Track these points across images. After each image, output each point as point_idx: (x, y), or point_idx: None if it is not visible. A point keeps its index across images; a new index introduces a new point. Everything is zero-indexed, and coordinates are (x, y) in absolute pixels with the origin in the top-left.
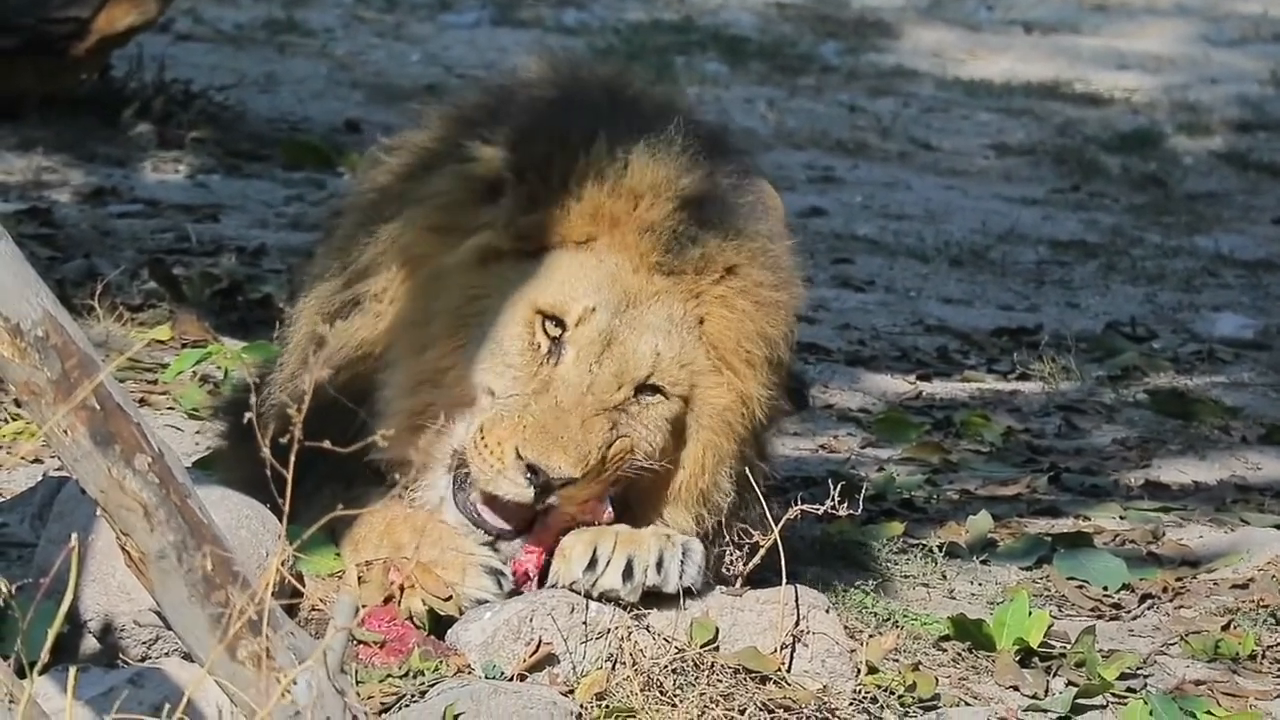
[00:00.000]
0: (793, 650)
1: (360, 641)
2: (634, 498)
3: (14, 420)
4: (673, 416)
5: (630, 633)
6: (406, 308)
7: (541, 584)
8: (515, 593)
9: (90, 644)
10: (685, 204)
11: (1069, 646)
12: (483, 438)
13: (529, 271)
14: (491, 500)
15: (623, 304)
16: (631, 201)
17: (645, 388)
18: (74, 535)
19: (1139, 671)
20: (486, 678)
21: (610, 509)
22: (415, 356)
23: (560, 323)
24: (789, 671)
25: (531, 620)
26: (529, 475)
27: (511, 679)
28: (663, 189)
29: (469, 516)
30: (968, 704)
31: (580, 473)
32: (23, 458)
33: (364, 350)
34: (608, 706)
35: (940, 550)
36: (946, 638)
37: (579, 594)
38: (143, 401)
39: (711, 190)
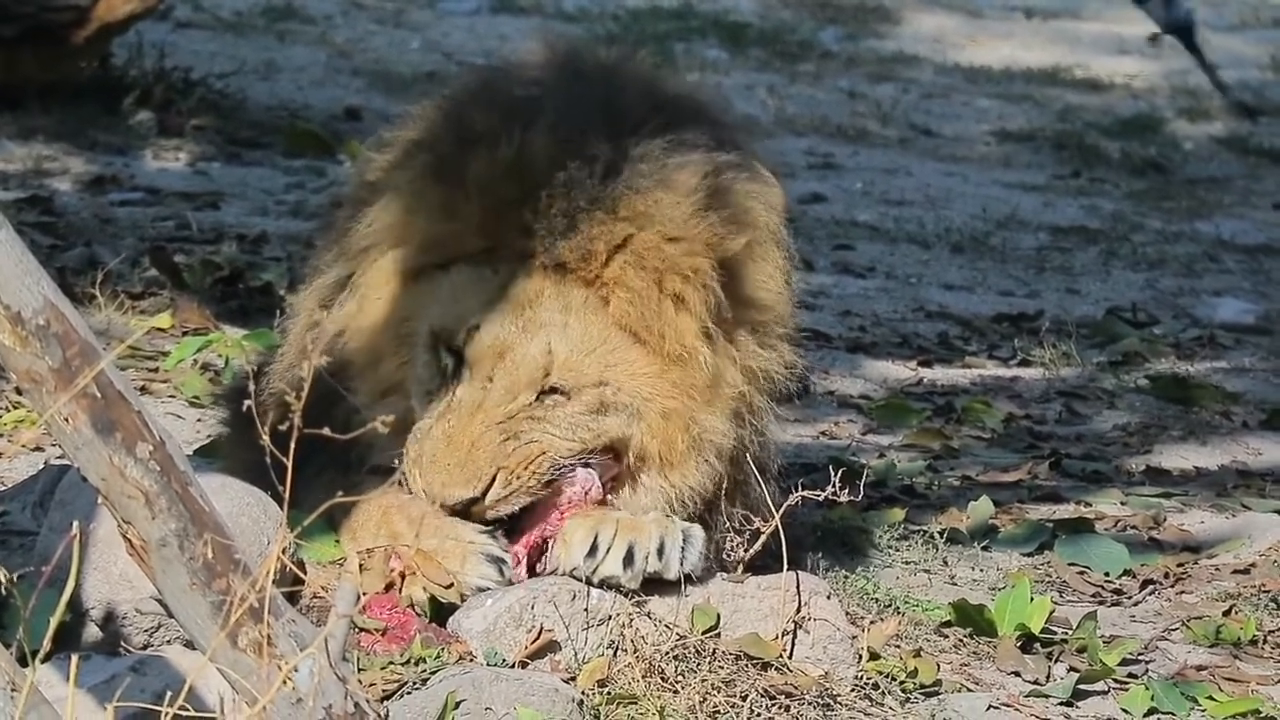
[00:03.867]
0: (794, 636)
1: (362, 629)
2: (635, 478)
3: (15, 408)
4: (594, 404)
5: (631, 619)
6: (366, 319)
7: (531, 573)
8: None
9: (92, 632)
10: (553, 196)
11: (1070, 632)
12: (409, 459)
13: (435, 290)
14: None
15: (516, 311)
16: (514, 206)
17: (549, 390)
18: (75, 523)
19: (1140, 657)
20: (488, 665)
21: (599, 486)
22: (373, 370)
23: (452, 346)
24: (790, 658)
25: (533, 607)
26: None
27: (513, 666)
28: (536, 186)
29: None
30: (969, 690)
31: (475, 491)
32: (24, 446)
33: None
34: (609, 693)
35: (941, 536)
36: (948, 624)
37: (580, 580)
38: (144, 389)
39: (589, 173)
